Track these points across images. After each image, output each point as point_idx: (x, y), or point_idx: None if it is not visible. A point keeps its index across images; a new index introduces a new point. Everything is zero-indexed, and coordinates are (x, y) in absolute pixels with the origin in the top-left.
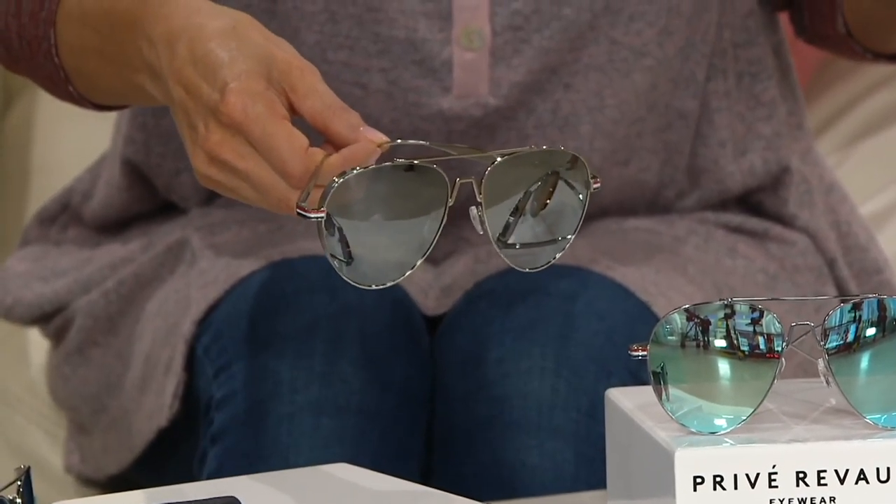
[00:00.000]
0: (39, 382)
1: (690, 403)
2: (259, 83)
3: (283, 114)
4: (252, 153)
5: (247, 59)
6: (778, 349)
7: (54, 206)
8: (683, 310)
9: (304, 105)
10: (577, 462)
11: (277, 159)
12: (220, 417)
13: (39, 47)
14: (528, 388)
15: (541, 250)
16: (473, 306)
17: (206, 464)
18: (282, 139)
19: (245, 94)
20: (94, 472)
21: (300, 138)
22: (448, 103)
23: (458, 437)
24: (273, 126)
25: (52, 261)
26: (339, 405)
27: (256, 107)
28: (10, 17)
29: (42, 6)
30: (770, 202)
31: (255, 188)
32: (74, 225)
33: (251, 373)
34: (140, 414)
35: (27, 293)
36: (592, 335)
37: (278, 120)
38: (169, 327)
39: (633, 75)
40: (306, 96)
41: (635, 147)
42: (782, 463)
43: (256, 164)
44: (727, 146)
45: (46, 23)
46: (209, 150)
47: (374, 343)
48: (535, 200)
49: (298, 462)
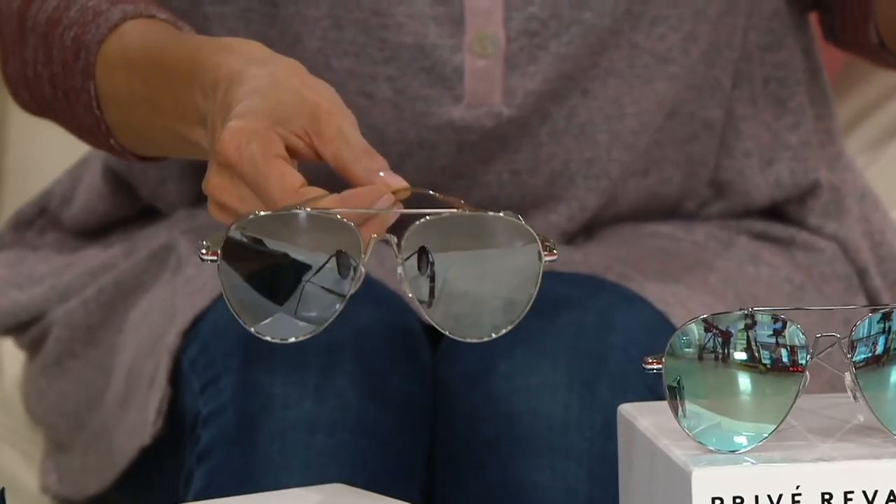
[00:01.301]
0: (13, 398)
1: (709, 420)
2: (261, 122)
3: (278, 153)
4: (251, 196)
5: (262, 100)
6: (802, 362)
7: (31, 209)
8: (701, 320)
9: (327, 150)
10: (590, 483)
11: (270, 200)
12: (208, 435)
13: (78, 99)
14: (539, 405)
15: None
16: None
17: (193, 484)
18: (273, 179)
19: (240, 133)
20: (72, 492)
21: (293, 177)
22: (459, 113)
23: (463, 456)
24: (266, 166)
25: (28, 266)
26: (334, 422)
27: (251, 146)
28: (39, 66)
29: (77, 56)
30: (795, 211)
31: None
32: (52, 229)
33: (240, 387)
34: (122, 431)
35: (1, 301)
36: (607, 348)
37: (271, 159)
38: (153, 338)
39: (655, 83)
40: (331, 140)
41: (655, 158)
42: (807, 483)
43: (255, 207)
44: (753, 156)
45: (85, 74)
46: (210, 194)
47: (372, 355)
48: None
49: (290, 482)
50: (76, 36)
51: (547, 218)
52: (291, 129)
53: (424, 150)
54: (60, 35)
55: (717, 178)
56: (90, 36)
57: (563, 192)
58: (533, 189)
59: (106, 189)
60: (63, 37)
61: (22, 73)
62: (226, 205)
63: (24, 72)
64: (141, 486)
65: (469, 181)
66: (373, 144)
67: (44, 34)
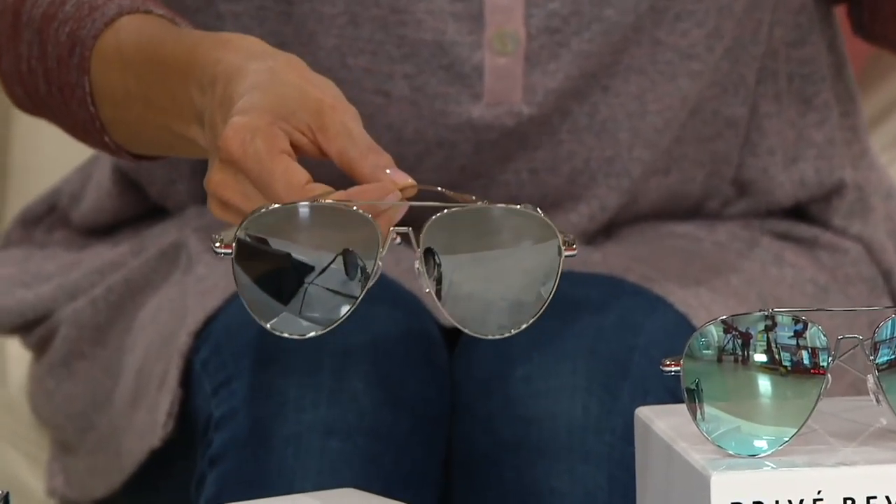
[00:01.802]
0: (19, 400)
1: (728, 423)
2: (264, 118)
3: (282, 149)
4: (255, 193)
5: (264, 95)
6: (823, 364)
7: (40, 207)
8: (720, 321)
9: (331, 146)
10: (610, 489)
11: (275, 196)
12: (220, 438)
13: (73, 95)
14: (557, 408)
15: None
16: None
17: (205, 488)
18: (278, 176)
19: (244, 129)
20: (79, 495)
21: (298, 173)
22: (478, 112)
23: (480, 461)
24: (270, 162)
25: (35, 264)
26: (349, 426)
27: (255, 142)
28: (33, 61)
29: (72, 52)
30: (820, 211)
31: None
32: (61, 227)
33: (253, 390)
34: (131, 433)
35: (8, 299)
36: (627, 351)
37: (275, 156)
38: (163, 339)
39: (678, 79)
40: (335, 136)
41: (677, 156)
42: (829, 488)
43: (259, 204)
44: (777, 154)
45: (80, 69)
46: (212, 192)
47: (387, 358)
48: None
49: (304, 487)
50: (71, 31)
51: (567, 217)
52: (294, 125)
53: (443, 150)
54: (55, 30)
55: (741, 177)
56: (85, 31)
57: (583, 191)
58: (553, 188)
59: (115, 189)
60: (58, 32)
61: (16, 68)
62: (228, 202)
63: (18, 67)
64: (149, 489)
65: (487, 180)
66: (390, 144)
67: (39, 29)
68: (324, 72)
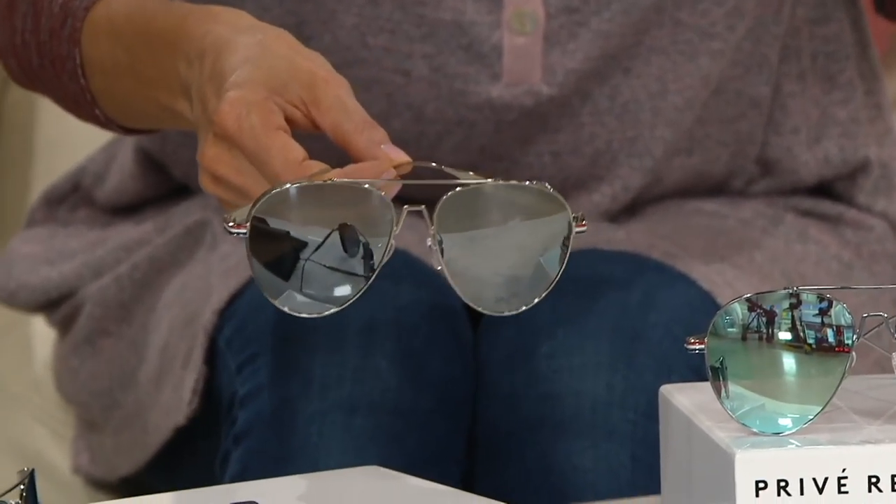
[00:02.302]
0: (44, 379)
1: (752, 401)
2: (259, 93)
3: (279, 124)
4: (249, 168)
5: (256, 69)
6: (848, 342)
7: (64, 185)
8: (745, 299)
9: (325, 119)
10: (633, 466)
11: (271, 172)
12: (245, 416)
13: (64, 67)
14: (581, 386)
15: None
16: None
17: (229, 466)
18: (275, 151)
19: (240, 103)
20: (104, 473)
21: (295, 150)
22: (497, 91)
23: (504, 438)
24: (266, 137)
25: (59, 242)
26: (373, 403)
27: (251, 117)
28: (27, 34)
29: (64, 23)
30: (844, 188)
31: None
32: (84, 206)
33: (278, 368)
34: (156, 410)
35: (32, 277)
36: (651, 328)
37: (272, 131)
38: (188, 317)
39: (698, 59)
40: (329, 110)
41: (699, 136)
42: (853, 466)
43: (254, 179)
44: (801, 133)
45: (71, 41)
46: (206, 167)
47: (412, 336)
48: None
49: (328, 465)
50: (64, 3)
51: (590, 198)
52: (288, 98)
53: (462, 129)
54: (49, 2)
55: (765, 156)
56: (77, 2)
57: (605, 172)
58: (575, 170)
59: (138, 170)
60: (52, 4)
61: (11, 41)
62: (222, 177)
63: (13, 40)
64: (174, 467)
65: (509, 163)
66: (410, 123)
67: (33, 1)
68: (343, 51)
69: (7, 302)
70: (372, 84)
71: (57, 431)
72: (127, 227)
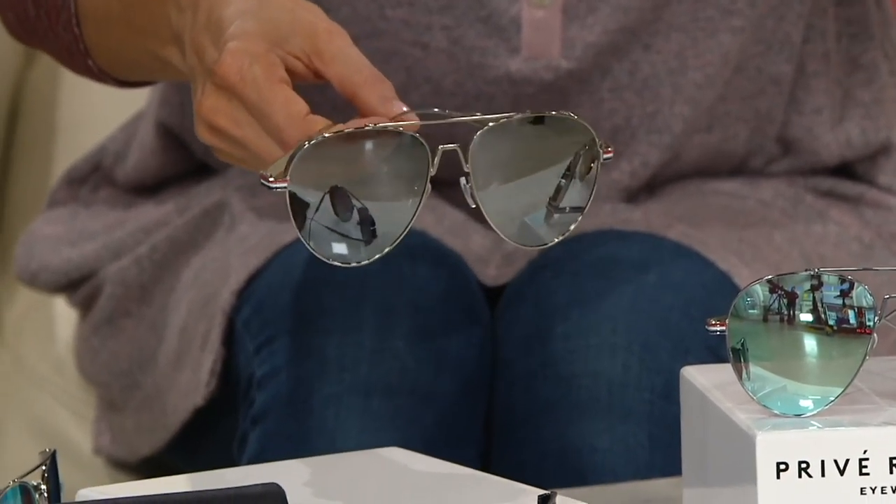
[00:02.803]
0: (66, 359)
1: (773, 383)
2: (260, 45)
3: (281, 77)
4: (248, 120)
5: (256, 21)
6: (870, 324)
7: (85, 166)
8: (766, 281)
9: (330, 70)
10: (650, 447)
11: (273, 126)
12: (262, 397)
13: (58, 17)
14: (598, 367)
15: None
16: (537, 276)
17: (247, 446)
18: (278, 104)
19: (242, 55)
20: (125, 453)
21: (298, 104)
22: (516, 65)
23: (520, 419)
24: (269, 90)
25: (81, 223)
26: (391, 385)
27: (253, 69)
28: None
29: None
30: (865, 169)
31: (254, 157)
32: (106, 186)
33: (295, 349)
34: (175, 391)
35: (53, 258)
36: (667, 308)
37: (275, 84)
38: (206, 298)
39: (719, 36)
40: (333, 60)
41: (719, 113)
42: (875, 448)
43: (253, 131)
44: (823, 113)
45: None
46: (204, 117)
47: (429, 317)
48: (535, 169)
49: (346, 446)
50: None
51: (608, 174)
52: (289, 50)
53: (481, 103)
54: None
55: (785, 136)
56: None
57: (624, 148)
58: None
59: (159, 145)
60: None
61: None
62: (220, 128)
63: None
64: (194, 448)
65: None
66: (429, 96)
67: None
68: (362, 22)
69: (29, 283)
70: (390, 56)
71: (79, 412)
72: (148, 208)
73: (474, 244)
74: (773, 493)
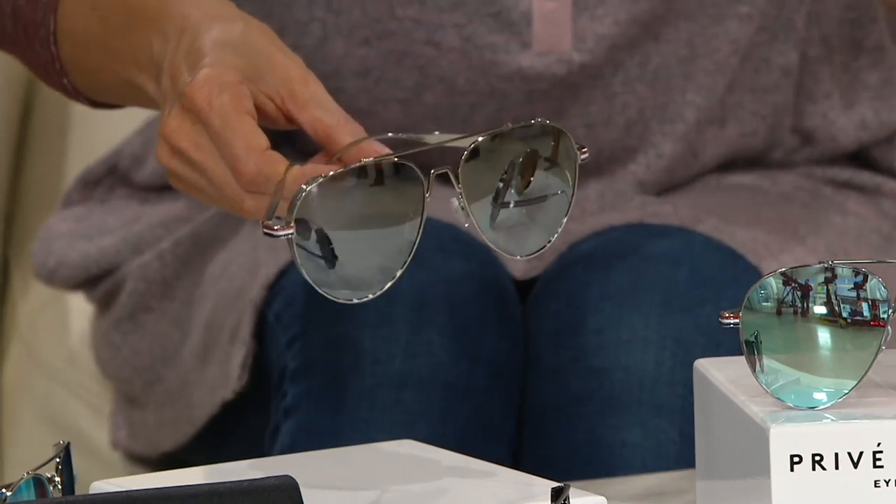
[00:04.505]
0: (81, 352)
1: (787, 376)
2: (233, 75)
3: (248, 109)
4: (209, 146)
5: (235, 54)
6: (884, 316)
7: (100, 168)
8: (779, 273)
9: (303, 113)
10: (681, 441)
11: (230, 154)
12: (295, 390)
13: (36, 34)
14: (629, 361)
15: (532, 233)
16: (568, 270)
17: (279, 439)
18: (239, 134)
19: (214, 81)
20: (145, 448)
21: (260, 137)
22: (528, 60)
23: (551, 413)
24: (235, 119)
25: (97, 219)
26: (424, 378)
27: (222, 96)
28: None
29: None
30: (883, 155)
31: (210, 184)
32: (122, 186)
33: (329, 342)
34: (201, 386)
35: (72, 254)
36: (699, 302)
37: (241, 114)
38: (234, 292)
39: (726, 22)
40: (307, 104)
41: (731, 104)
42: (889, 440)
43: (212, 158)
44: (834, 98)
45: (47, 8)
46: (166, 137)
47: (462, 311)
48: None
49: (378, 439)
50: None
51: (625, 168)
52: (263, 89)
53: (495, 101)
54: None
55: (802, 125)
56: None
57: (637, 141)
58: (608, 142)
59: None
60: None
61: None
62: (181, 149)
63: None
64: (217, 443)
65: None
66: (442, 96)
67: None
68: (373, 23)
69: (47, 280)
70: (403, 57)
71: (93, 405)
72: (165, 204)
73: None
74: (786, 485)
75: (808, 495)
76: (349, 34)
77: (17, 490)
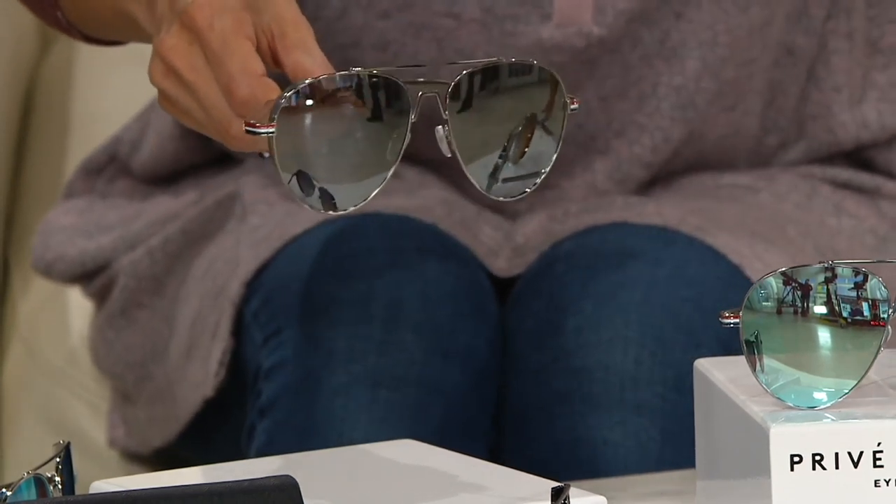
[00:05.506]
0: (81, 351)
1: (787, 375)
2: (235, 1)
3: (248, 34)
4: (204, 67)
5: None
6: (884, 316)
7: (101, 156)
8: (780, 273)
9: (288, 56)
10: (662, 440)
11: (226, 75)
12: (270, 388)
13: None
14: (610, 360)
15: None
16: (549, 269)
17: (255, 438)
18: (236, 57)
19: (216, 4)
20: (139, 445)
21: (256, 62)
22: (548, 32)
23: (532, 413)
24: (234, 41)
25: (98, 214)
26: (399, 376)
27: (223, 19)
28: None
29: None
30: (882, 158)
31: (201, 106)
32: (123, 177)
33: (303, 340)
34: (185, 383)
35: (70, 249)
36: (680, 302)
37: (240, 38)
38: (217, 289)
39: (750, 9)
40: (294, 47)
41: (744, 91)
42: (889, 440)
43: (206, 80)
44: (843, 92)
45: None
46: (163, 55)
47: (438, 309)
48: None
49: (353, 437)
50: None
51: (630, 149)
52: (257, 23)
53: None
54: None
55: (803, 112)
56: None
57: (648, 120)
58: (619, 114)
59: (177, 131)
60: None
61: None
62: (175, 68)
63: None
64: (205, 439)
65: None
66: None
67: None
68: None
69: (44, 273)
70: (421, 29)
71: (93, 404)
72: (164, 200)
73: (485, 236)
74: (787, 485)
75: (809, 495)
76: (368, 6)
77: (17, 490)
